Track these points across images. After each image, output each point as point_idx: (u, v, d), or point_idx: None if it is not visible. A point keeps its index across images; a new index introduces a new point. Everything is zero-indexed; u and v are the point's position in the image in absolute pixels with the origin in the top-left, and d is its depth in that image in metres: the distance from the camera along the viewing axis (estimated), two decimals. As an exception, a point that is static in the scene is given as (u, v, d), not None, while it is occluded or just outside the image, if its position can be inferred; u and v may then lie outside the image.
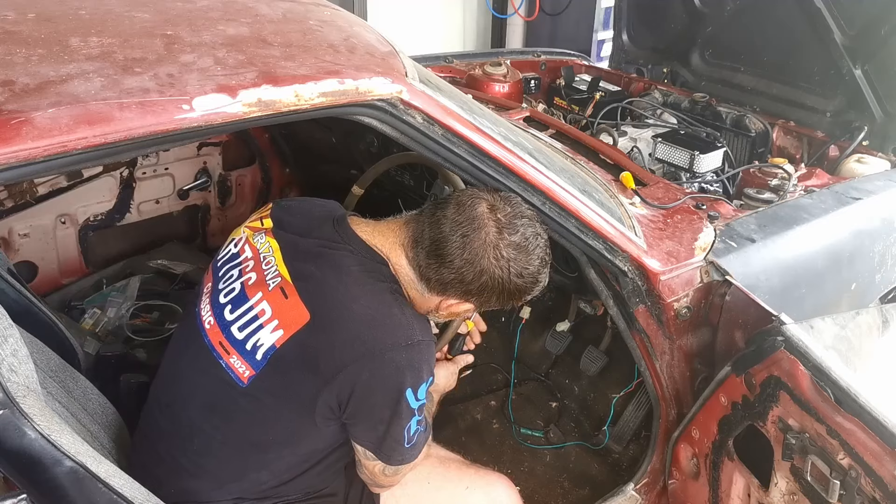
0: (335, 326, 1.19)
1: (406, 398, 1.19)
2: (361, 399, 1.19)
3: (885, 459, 1.13)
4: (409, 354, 1.19)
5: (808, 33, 2.34)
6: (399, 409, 1.20)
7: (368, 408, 1.21)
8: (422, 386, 1.22)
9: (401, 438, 1.23)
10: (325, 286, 1.22)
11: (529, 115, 2.23)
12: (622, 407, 2.08)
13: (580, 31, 4.97)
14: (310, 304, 1.20)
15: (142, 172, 2.39)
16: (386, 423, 1.21)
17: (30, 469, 0.94)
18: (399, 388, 1.18)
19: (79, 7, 1.21)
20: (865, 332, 1.49)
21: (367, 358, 1.17)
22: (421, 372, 1.21)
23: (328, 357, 1.17)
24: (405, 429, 1.22)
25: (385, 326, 1.20)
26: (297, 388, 1.20)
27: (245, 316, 1.24)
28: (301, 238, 1.30)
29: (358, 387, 1.17)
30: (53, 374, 1.33)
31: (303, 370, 1.19)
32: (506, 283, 1.25)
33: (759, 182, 2.07)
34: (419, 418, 1.25)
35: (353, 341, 1.17)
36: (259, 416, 1.24)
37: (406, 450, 1.26)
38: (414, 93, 1.22)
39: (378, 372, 1.18)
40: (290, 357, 1.19)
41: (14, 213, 2.17)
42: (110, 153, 0.98)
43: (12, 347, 0.99)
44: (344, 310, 1.20)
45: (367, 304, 1.21)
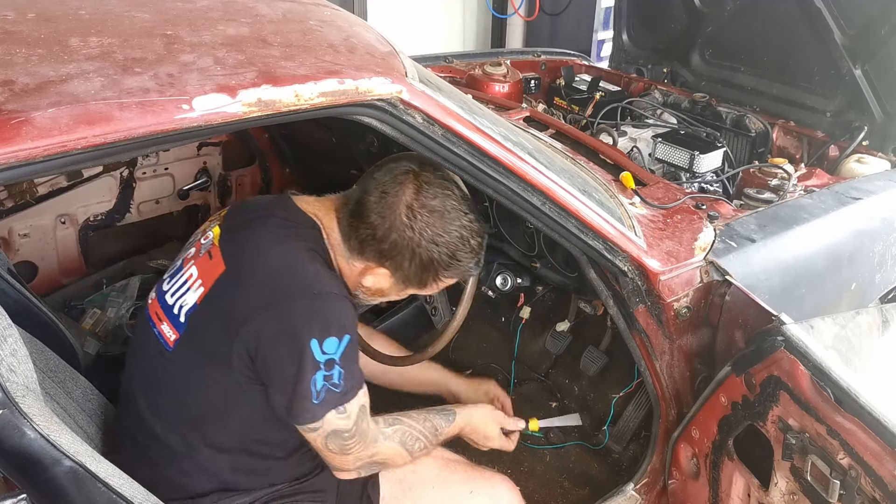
0: (246, 277, 1.23)
1: (310, 349, 1.16)
2: (268, 349, 1.18)
3: (885, 459, 1.13)
4: (315, 304, 1.19)
5: (808, 33, 2.34)
6: (304, 362, 1.16)
7: (275, 360, 1.19)
8: (329, 339, 1.17)
9: (307, 394, 1.18)
10: (245, 243, 1.28)
11: (529, 115, 2.23)
12: (622, 407, 2.08)
13: (580, 31, 4.97)
14: (226, 259, 1.26)
15: (142, 172, 2.39)
16: (293, 380, 1.18)
17: (29, 469, 0.94)
18: (302, 337, 1.17)
19: (79, 7, 1.21)
20: (865, 332, 1.49)
21: (272, 306, 1.18)
22: (328, 324, 1.18)
23: (237, 307, 1.20)
24: (311, 382, 1.17)
25: (294, 277, 1.22)
26: (215, 345, 1.22)
27: (177, 283, 1.31)
28: (244, 214, 1.37)
29: (263, 336, 1.18)
30: (52, 374, 1.33)
31: (217, 324, 1.22)
32: (416, 247, 1.27)
33: (759, 182, 2.07)
34: (326, 373, 1.18)
35: (260, 290, 1.21)
36: (188, 382, 1.27)
37: (315, 406, 1.19)
38: (414, 93, 1.22)
39: (282, 320, 1.18)
40: (207, 312, 1.24)
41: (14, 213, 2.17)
42: (110, 153, 0.98)
43: (11, 347, 0.99)
44: (256, 262, 1.24)
45: (280, 258, 1.24)
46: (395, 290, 1.38)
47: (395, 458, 1.38)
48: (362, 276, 1.34)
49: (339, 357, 1.19)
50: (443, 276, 1.34)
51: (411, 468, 1.49)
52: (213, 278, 1.25)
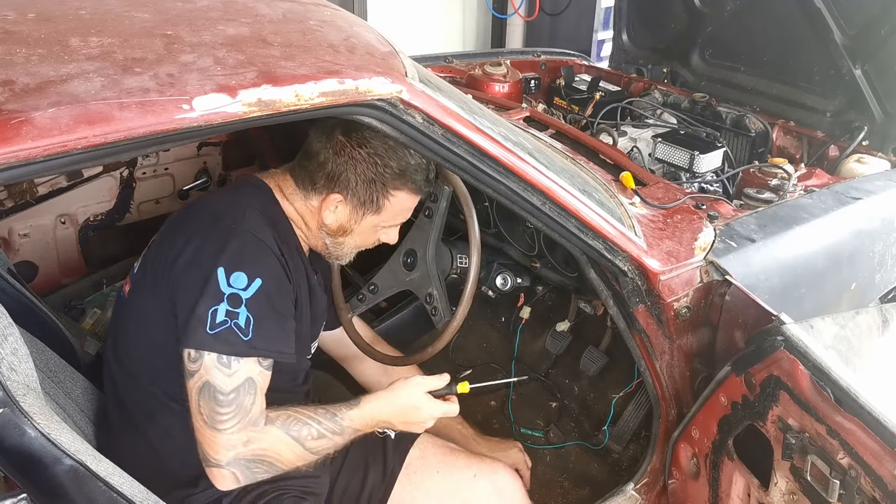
0: (186, 214, 1.35)
1: (216, 276, 1.17)
2: (181, 275, 1.22)
3: (884, 459, 1.13)
4: (230, 237, 1.22)
5: (808, 33, 2.34)
6: (206, 287, 1.16)
7: (184, 284, 1.21)
8: (237, 273, 1.17)
9: (204, 319, 1.15)
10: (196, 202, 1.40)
11: (529, 115, 2.23)
12: (622, 407, 2.08)
13: (580, 31, 4.97)
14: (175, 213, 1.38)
15: (142, 172, 2.39)
16: (193, 302, 1.17)
17: (30, 468, 0.94)
18: (210, 263, 1.18)
19: (79, 7, 1.21)
20: (865, 331, 1.49)
21: (193, 238, 1.24)
22: (239, 258, 1.19)
23: (174, 239, 1.28)
24: (210, 310, 1.15)
25: (217, 213, 1.29)
26: (154, 280, 1.27)
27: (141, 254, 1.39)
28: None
29: (180, 263, 1.23)
30: (52, 374, 1.33)
31: (157, 258, 1.29)
32: (358, 162, 1.35)
33: (759, 182, 2.07)
34: (230, 309, 1.16)
35: (189, 221, 1.31)
36: (140, 323, 1.31)
37: (207, 336, 1.15)
38: (414, 93, 1.22)
39: (197, 249, 1.23)
40: (152, 257, 1.32)
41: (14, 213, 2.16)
42: (110, 153, 0.98)
43: (12, 346, 0.99)
44: (201, 203, 1.37)
45: (221, 200, 1.37)
46: (355, 222, 1.40)
47: (281, 449, 1.22)
48: (322, 213, 1.39)
49: (246, 299, 1.17)
50: (392, 189, 1.38)
51: (418, 453, 1.52)
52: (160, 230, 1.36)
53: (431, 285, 1.69)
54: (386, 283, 1.79)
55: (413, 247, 1.74)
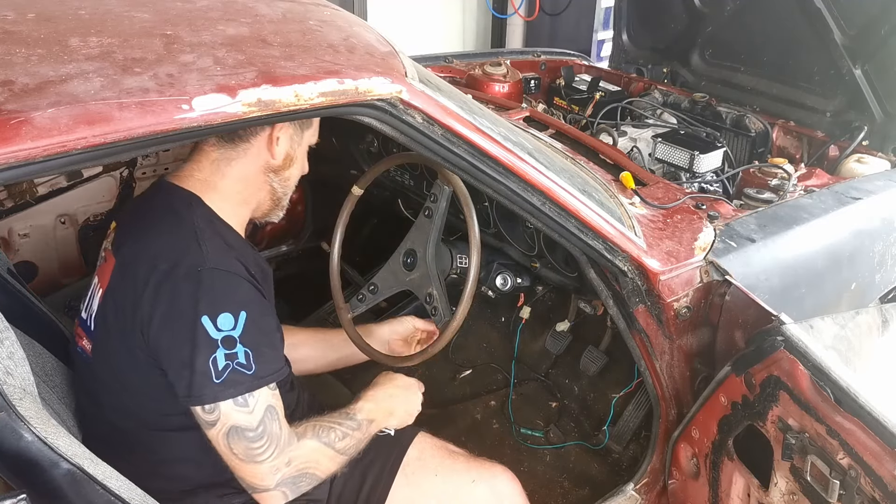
0: (133, 265, 1.22)
1: (203, 327, 1.13)
2: (161, 333, 1.16)
3: (884, 459, 1.13)
4: (202, 281, 1.16)
5: (808, 33, 2.34)
6: (197, 340, 1.13)
7: (169, 344, 1.16)
8: (222, 315, 1.14)
9: (207, 371, 1.13)
10: (129, 235, 1.29)
11: (529, 115, 2.23)
12: (622, 407, 2.08)
13: (580, 31, 4.97)
14: (116, 254, 1.27)
15: (142, 172, 2.39)
16: (189, 359, 1.14)
17: (27, 471, 0.94)
18: (191, 317, 1.14)
19: (79, 7, 1.21)
20: (865, 332, 1.49)
21: (156, 288, 1.17)
22: (218, 300, 1.15)
23: (127, 297, 1.20)
24: (209, 361, 1.13)
25: (175, 255, 1.19)
26: (120, 339, 1.22)
27: (87, 300, 1.33)
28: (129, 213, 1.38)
29: (155, 320, 1.16)
30: (48, 378, 1.33)
31: (117, 317, 1.22)
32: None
33: (759, 182, 2.07)
34: (228, 352, 1.14)
35: (146, 274, 1.18)
36: (111, 385, 1.27)
37: (217, 386, 1.14)
38: (414, 93, 1.22)
39: (170, 303, 1.16)
40: (105, 310, 1.25)
41: (14, 213, 2.16)
42: (110, 153, 0.98)
43: (8, 350, 0.99)
44: (143, 244, 1.24)
45: (163, 239, 1.23)
46: (297, 143, 1.35)
47: (318, 459, 1.28)
48: (272, 152, 1.30)
49: (239, 335, 1.15)
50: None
51: (416, 455, 1.52)
52: (107, 278, 1.25)
53: (431, 285, 1.69)
54: (386, 283, 1.79)
55: (413, 247, 1.74)
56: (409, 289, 1.77)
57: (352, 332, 1.78)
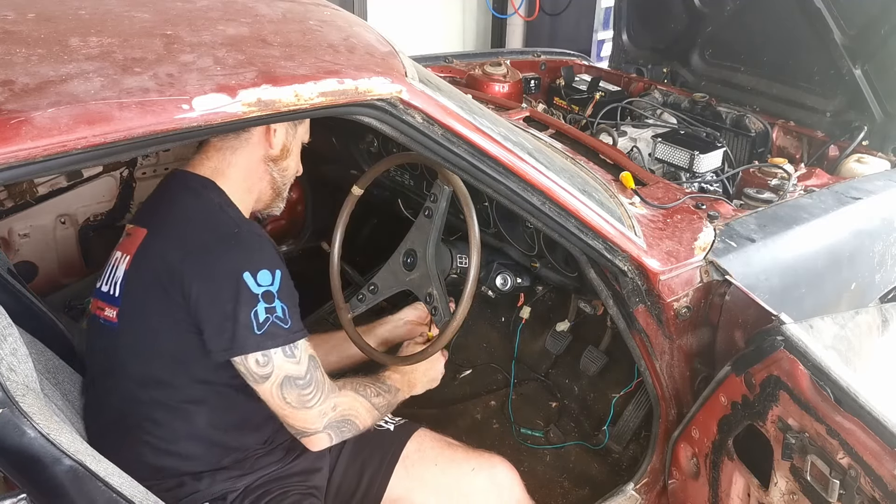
0: (168, 230, 1.32)
1: (245, 282, 1.21)
2: (202, 290, 1.23)
3: (884, 459, 1.13)
4: (236, 241, 1.26)
5: (808, 33, 2.34)
6: (240, 296, 1.21)
7: (211, 300, 1.23)
8: (261, 272, 1.23)
9: (249, 324, 1.21)
10: (157, 207, 1.39)
11: (529, 115, 2.23)
12: (622, 407, 2.08)
13: (580, 31, 4.97)
14: (145, 223, 1.35)
15: (142, 172, 2.39)
16: (232, 314, 1.21)
17: (29, 468, 0.94)
18: (235, 271, 1.21)
19: (79, 7, 1.21)
20: (865, 331, 1.49)
21: (198, 251, 1.25)
22: (257, 258, 1.25)
23: (165, 259, 1.26)
24: (251, 314, 1.21)
25: (210, 222, 1.30)
26: (153, 301, 1.27)
27: (108, 273, 1.38)
28: (146, 202, 1.49)
29: (197, 280, 1.23)
30: (50, 375, 1.33)
31: (150, 281, 1.28)
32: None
33: (759, 182, 2.07)
34: (268, 306, 1.23)
35: (184, 238, 1.28)
36: (140, 347, 1.31)
37: (258, 337, 1.22)
38: (413, 92, 1.22)
39: (212, 263, 1.24)
40: (138, 274, 1.30)
41: (14, 213, 2.16)
42: (110, 153, 0.98)
43: (11, 346, 0.99)
44: (175, 216, 1.33)
45: (194, 209, 1.33)
46: (291, 136, 1.44)
47: (357, 408, 1.39)
48: (271, 142, 1.39)
49: (276, 291, 1.23)
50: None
51: (415, 447, 1.54)
52: (136, 245, 1.32)
53: (431, 285, 1.69)
54: (386, 283, 1.79)
55: (413, 247, 1.73)
56: (409, 289, 1.77)
57: (352, 333, 1.78)
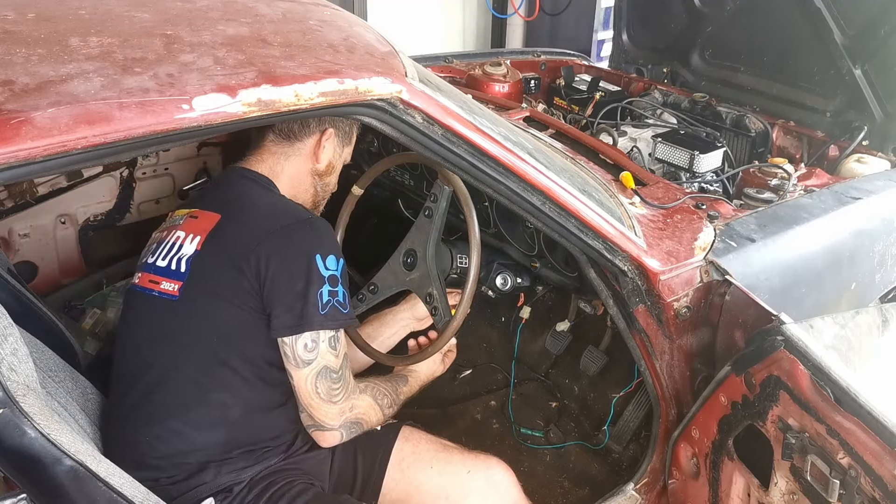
0: (243, 216, 1.39)
1: (316, 263, 1.30)
2: (277, 270, 1.30)
3: (884, 459, 1.13)
4: (310, 226, 1.36)
5: (808, 33, 2.34)
6: (311, 275, 1.29)
7: (284, 278, 1.30)
8: (330, 256, 1.32)
9: (316, 303, 1.30)
10: (231, 195, 1.45)
11: (529, 115, 2.23)
12: (622, 407, 2.08)
13: (580, 31, 4.97)
14: (218, 209, 1.40)
15: (142, 172, 2.39)
16: (304, 291, 1.29)
17: (30, 468, 0.94)
18: (308, 253, 1.30)
19: (79, 7, 1.21)
20: (865, 331, 1.49)
21: (275, 234, 1.32)
22: (327, 243, 1.34)
23: (241, 241, 1.33)
24: (318, 294, 1.30)
25: (283, 210, 1.40)
26: (223, 279, 1.33)
27: (164, 250, 1.41)
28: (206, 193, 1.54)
29: (273, 259, 1.30)
30: (53, 373, 1.33)
31: (223, 260, 1.33)
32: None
33: (759, 182, 2.07)
34: (331, 289, 1.31)
35: (260, 223, 1.36)
36: (198, 320, 1.35)
37: (321, 317, 1.30)
38: (413, 92, 1.22)
39: (288, 242, 1.32)
40: (210, 254, 1.35)
41: (14, 213, 2.16)
42: (110, 153, 0.98)
43: (12, 346, 0.99)
44: (247, 204, 1.41)
45: (265, 200, 1.42)
46: (338, 155, 1.54)
47: (369, 412, 1.47)
48: (319, 154, 1.48)
49: (340, 275, 1.33)
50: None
51: (411, 449, 1.54)
52: (209, 227, 1.37)
53: (431, 285, 1.69)
54: (386, 283, 1.79)
55: (413, 247, 1.74)
56: (409, 289, 1.77)
57: (352, 333, 1.78)
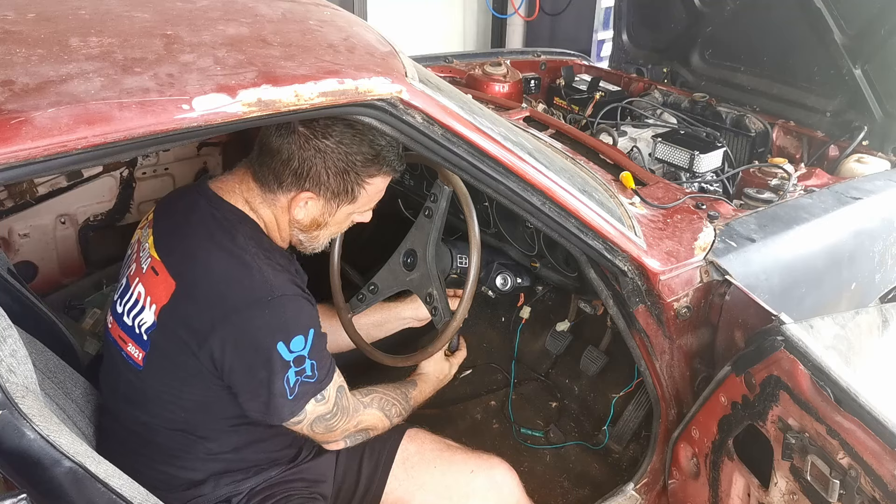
0: (197, 289, 1.24)
1: (278, 352, 1.20)
2: (234, 360, 1.21)
3: (884, 459, 1.13)
4: (269, 310, 1.21)
5: (808, 33, 2.34)
6: (272, 366, 1.21)
7: (243, 369, 1.22)
8: (295, 338, 1.21)
9: (283, 391, 1.23)
10: (186, 253, 1.27)
11: (529, 115, 2.23)
12: (622, 407, 2.08)
13: (580, 31, 4.97)
14: (174, 274, 1.25)
15: (142, 172, 2.39)
16: (266, 383, 1.22)
17: (29, 469, 0.94)
18: (268, 344, 1.20)
19: (79, 7, 1.21)
20: (865, 331, 1.49)
21: (230, 318, 1.20)
22: (290, 325, 1.22)
23: (195, 322, 1.22)
24: (284, 381, 1.22)
25: (244, 285, 1.22)
26: (180, 361, 1.24)
27: (129, 303, 1.32)
28: (171, 216, 1.35)
29: (228, 348, 1.21)
30: (52, 375, 1.33)
31: (179, 340, 1.23)
32: (326, 153, 1.26)
33: (759, 182, 2.07)
34: (298, 369, 1.23)
35: (214, 302, 1.22)
36: (165, 395, 1.29)
37: (291, 402, 1.25)
38: (414, 92, 1.22)
39: (244, 332, 1.21)
40: (167, 330, 1.25)
41: (14, 213, 2.16)
42: (110, 153, 0.98)
43: (11, 348, 0.99)
44: (203, 273, 1.24)
45: (224, 265, 1.24)
46: (329, 214, 1.35)
47: (376, 423, 1.51)
48: (292, 211, 1.32)
49: (308, 352, 1.24)
50: (366, 175, 1.32)
51: (415, 449, 1.54)
52: (165, 295, 1.25)
53: (431, 285, 1.69)
54: (386, 283, 1.79)
55: (413, 247, 1.74)
56: (409, 289, 1.77)
57: (352, 333, 1.78)
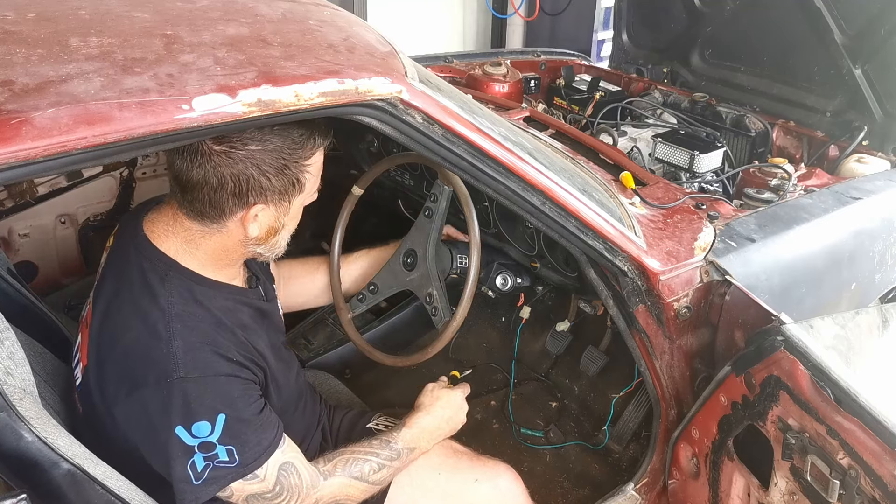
0: (108, 359, 1.16)
1: (177, 437, 1.09)
2: (137, 435, 1.14)
3: (884, 459, 1.13)
4: (166, 393, 1.10)
5: (808, 33, 2.34)
6: (171, 452, 1.10)
7: (147, 449, 1.13)
8: (198, 424, 1.10)
9: (186, 477, 1.10)
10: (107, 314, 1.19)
11: (529, 115, 2.23)
12: (622, 407, 2.08)
13: (580, 31, 4.97)
14: (92, 335, 1.19)
15: (142, 172, 2.39)
16: (166, 467, 1.11)
17: (27, 472, 0.94)
18: (164, 429, 1.09)
19: (79, 7, 1.21)
20: (865, 331, 1.49)
21: (132, 395, 1.12)
22: (193, 409, 1.10)
23: (104, 391, 1.16)
24: (188, 466, 1.10)
25: (147, 360, 1.12)
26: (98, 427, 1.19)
27: (76, 346, 1.28)
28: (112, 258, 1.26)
29: (131, 422, 1.13)
30: (50, 376, 1.32)
31: (94, 410, 1.18)
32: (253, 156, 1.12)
33: (759, 182, 2.07)
34: (206, 455, 1.11)
35: (121, 375, 1.14)
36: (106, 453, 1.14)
37: (198, 486, 1.11)
38: (414, 93, 1.22)
39: (140, 415, 1.12)
40: (85, 395, 1.20)
41: (14, 213, 2.16)
42: (110, 153, 0.98)
43: (8, 350, 0.99)
44: (114, 342, 1.16)
45: (136, 333, 1.14)
46: (284, 214, 1.23)
47: (348, 491, 1.31)
48: (246, 230, 1.19)
49: (218, 438, 1.11)
50: (304, 159, 1.18)
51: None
52: (84, 361, 1.21)
53: (431, 285, 1.69)
54: (386, 283, 1.79)
55: (413, 247, 1.74)
56: (409, 289, 1.77)
57: (352, 333, 1.78)
